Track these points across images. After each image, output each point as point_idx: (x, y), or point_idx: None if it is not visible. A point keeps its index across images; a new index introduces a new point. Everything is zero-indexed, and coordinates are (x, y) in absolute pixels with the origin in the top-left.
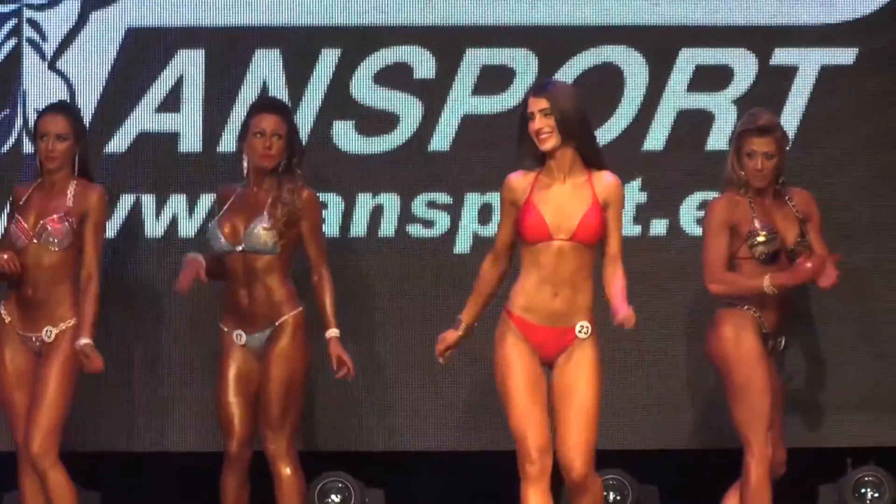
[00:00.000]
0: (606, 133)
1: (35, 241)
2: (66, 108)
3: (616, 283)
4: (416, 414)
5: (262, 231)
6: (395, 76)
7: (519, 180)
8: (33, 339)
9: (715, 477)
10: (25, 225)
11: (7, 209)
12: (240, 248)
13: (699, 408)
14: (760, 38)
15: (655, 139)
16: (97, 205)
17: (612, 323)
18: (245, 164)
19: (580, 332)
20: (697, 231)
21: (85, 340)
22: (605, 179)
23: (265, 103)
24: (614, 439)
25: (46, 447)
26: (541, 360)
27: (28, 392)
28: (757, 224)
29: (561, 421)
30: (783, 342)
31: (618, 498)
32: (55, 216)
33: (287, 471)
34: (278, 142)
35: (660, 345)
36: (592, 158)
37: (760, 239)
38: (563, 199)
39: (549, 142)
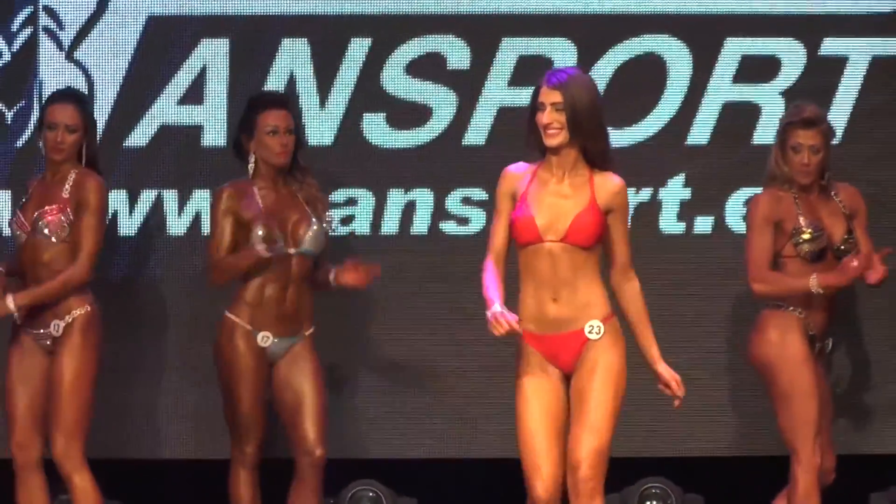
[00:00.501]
0: (648, 127)
1: (33, 234)
2: (77, 98)
3: (637, 308)
4: (450, 420)
5: (321, 233)
6: (427, 67)
7: (517, 172)
8: (43, 334)
9: (761, 485)
10: (23, 219)
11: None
12: (293, 250)
13: (746, 413)
14: (809, 28)
15: (700, 133)
16: (92, 194)
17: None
18: (252, 163)
19: (590, 332)
20: (744, 229)
21: (11, 304)
22: (609, 182)
23: (273, 98)
24: (657, 446)
25: (69, 448)
26: (561, 371)
27: (30, 395)
28: (802, 221)
29: (573, 421)
30: (830, 344)
31: None
32: (51, 208)
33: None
34: (292, 137)
35: (705, 347)
36: (598, 158)
37: (806, 236)
38: (558, 198)
39: (556, 139)
